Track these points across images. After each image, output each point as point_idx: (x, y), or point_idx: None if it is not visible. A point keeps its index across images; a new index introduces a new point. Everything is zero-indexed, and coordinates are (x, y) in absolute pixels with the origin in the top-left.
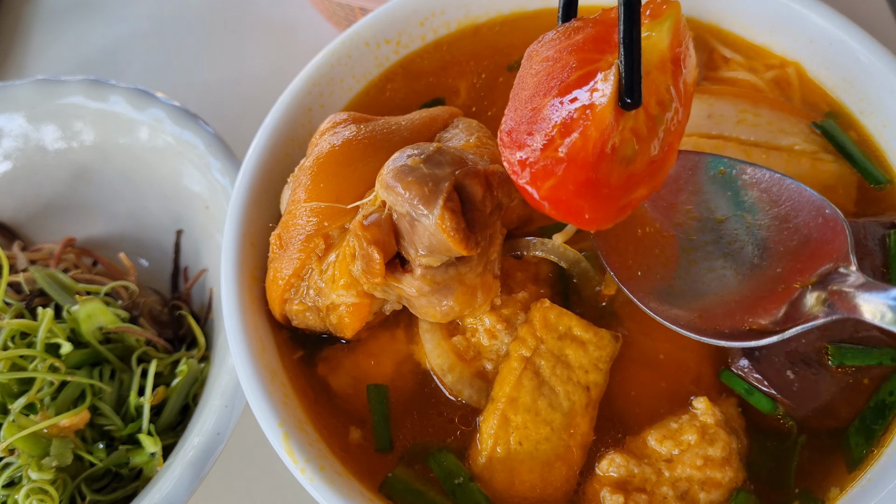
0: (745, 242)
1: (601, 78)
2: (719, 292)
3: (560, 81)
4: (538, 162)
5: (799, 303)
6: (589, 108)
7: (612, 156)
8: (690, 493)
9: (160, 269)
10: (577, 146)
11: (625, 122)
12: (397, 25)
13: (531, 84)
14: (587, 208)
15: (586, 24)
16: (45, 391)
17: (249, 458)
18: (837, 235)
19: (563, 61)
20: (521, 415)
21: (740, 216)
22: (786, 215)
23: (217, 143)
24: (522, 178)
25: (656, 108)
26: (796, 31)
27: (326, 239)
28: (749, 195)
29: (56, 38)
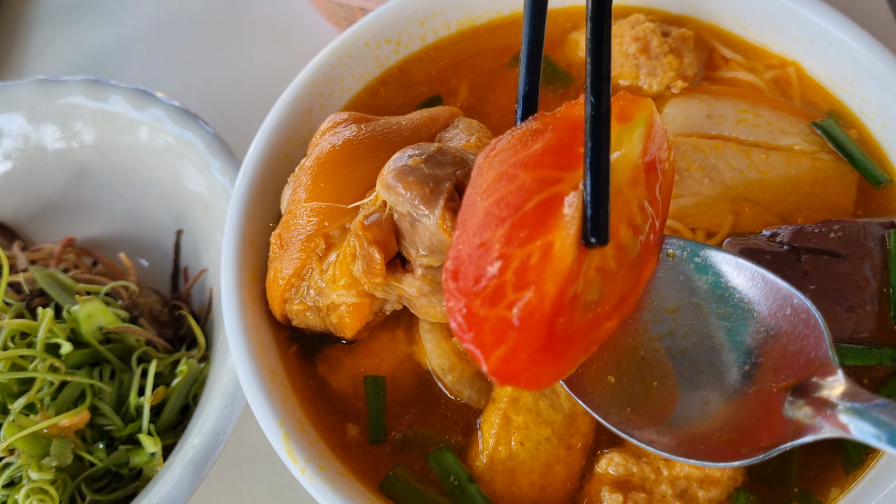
0: (704, 336)
1: (565, 208)
2: (680, 394)
3: (514, 210)
4: (485, 322)
5: (779, 411)
6: (546, 253)
7: (574, 304)
8: (689, 491)
9: (160, 269)
10: (531, 306)
11: (589, 261)
12: (397, 25)
13: (481, 210)
14: (545, 371)
15: (546, 127)
16: (45, 391)
17: (249, 458)
18: (812, 331)
19: (518, 182)
20: (522, 415)
21: (696, 305)
22: (749, 304)
23: (217, 143)
24: (467, 337)
25: (627, 234)
26: (796, 31)
27: (327, 239)
28: (703, 279)
29: (56, 37)
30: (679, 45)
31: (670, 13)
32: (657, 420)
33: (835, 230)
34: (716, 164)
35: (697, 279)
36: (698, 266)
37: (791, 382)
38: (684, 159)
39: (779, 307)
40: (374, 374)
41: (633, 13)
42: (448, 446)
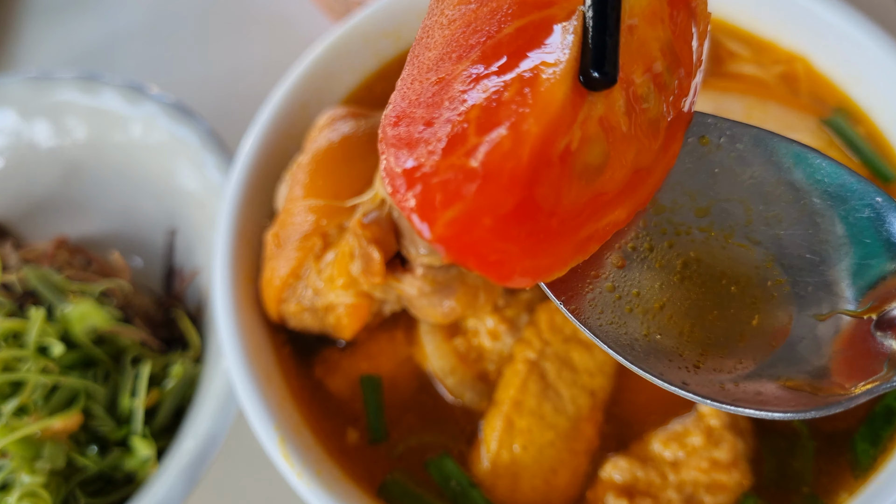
0: (751, 242)
1: (555, 35)
2: (725, 322)
3: (486, 37)
4: (435, 174)
5: (863, 344)
6: (529, 84)
7: (565, 164)
8: (696, 496)
9: (154, 268)
10: (501, 150)
11: (589, 109)
12: (396, 19)
13: (440, 40)
14: (517, 256)
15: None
16: (38, 393)
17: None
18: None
19: (494, 3)
20: (525, 419)
21: (738, 205)
22: (812, 205)
23: (212, 139)
24: (407, 200)
25: (645, 83)
26: (804, 26)
27: (325, 237)
28: (748, 174)
29: (49, 31)
30: None
31: None
32: (688, 356)
33: None
34: None
35: (741, 171)
36: (741, 154)
37: (874, 307)
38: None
39: (852, 210)
40: (370, 375)
41: None
42: (447, 452)
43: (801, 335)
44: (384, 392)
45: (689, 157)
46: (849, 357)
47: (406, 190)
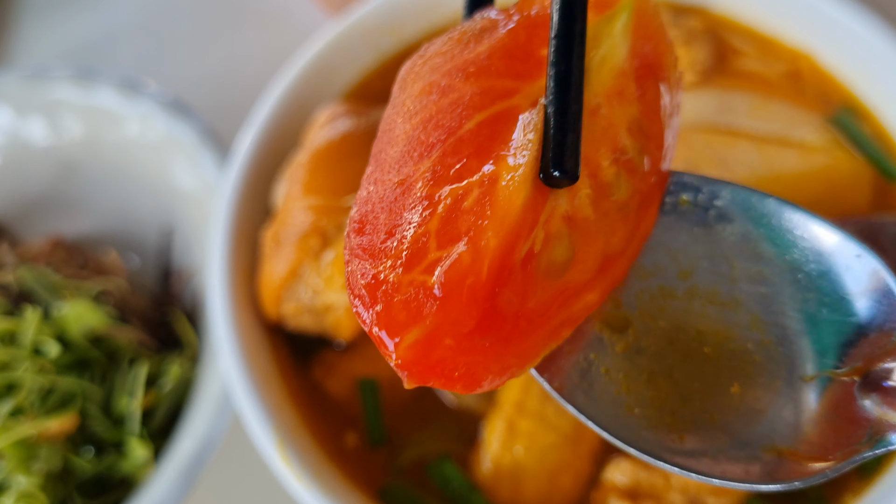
0: (732, 306)
1: (517, 130)
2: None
3: (447, 134)
4: (396, 292)
5: (847, 409)
6: (488, 192)
7: (528, 268)
8: (700, 499)
9: (150, 267)
10: (461, 266)
11: (553, 206)
12: (396, 16)
13: (402, 135)
14: (486, 364)
15: (496, 25)
16: (33, 394)
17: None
18: (883, 296)
19: (454, 95)
20: (527, 421)
21: (720, 265)
22: (791, 261)
23: (209, 136)
24: (369, 314)
25: (611, 169)
26: (809, 22)
27: (324, 237)
28: (729, 231)
29: (45, 28)
30: (689, 37)
31: (680, 4)
32: (677, 430)
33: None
34: (726, 160)
35: (721, 229)
36: (721, 211)
37: (859, 367)
38: (694, 154)
39: (837, 267)
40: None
41: None
42: (448, 456)
43: (786, 399)
44: (384, 394)
45: (669, 218)
46: (833, 422)
47: (371, 305)
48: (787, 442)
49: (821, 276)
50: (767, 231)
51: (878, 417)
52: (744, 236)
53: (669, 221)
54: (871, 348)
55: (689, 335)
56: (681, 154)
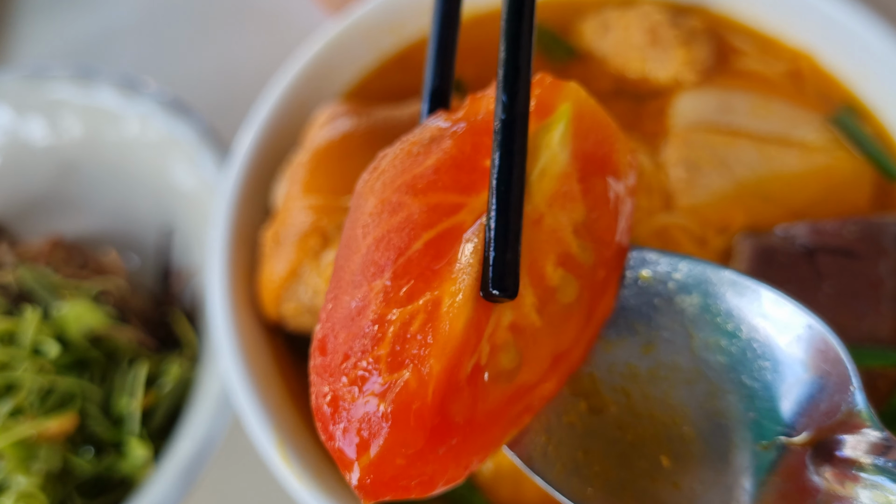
0: (692, 378)
1: (461, 250)
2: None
3: (397, 254)
4: (354, 415)
5: (802, 475)
6: (431, 317)
7: (476, 380)
8: None
9: (150, 267)
10: (407, 393)
11: (497, 319)
12: (395, 15)
13: (358, 253)
14: (439, 470)
15: (443, 135)
16: (33, 394)
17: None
18: (833, 366)
19: (404, 212)
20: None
21: (680, 337)
22: (747, 331)
23: (209, 136)
24: (331, 431)
25: (557, 273)
26: (810, 22)
27: (324, 236)
28: (686, 301)
29: (45, 27)
30: (689, 37)
31: (680, 4)
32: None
33: (849, 228)
34: (727, 159)
35: (680, 301)
36: (680, 284)
37: (812, 437)
38: (694, 154)
39: (789, 336)
40: None
41: (642, 5)
42: None
43: (744, 465)
44: None
45: (631, 293)
46: (785, 491)
47: (333, 424)
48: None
49: (776, 344)
50: (722, 302)
51: (827, 490)
52: (702, 307)
53: (632, 295)
54: (823, 417)
55: (648, 411)
56: (681, 154)
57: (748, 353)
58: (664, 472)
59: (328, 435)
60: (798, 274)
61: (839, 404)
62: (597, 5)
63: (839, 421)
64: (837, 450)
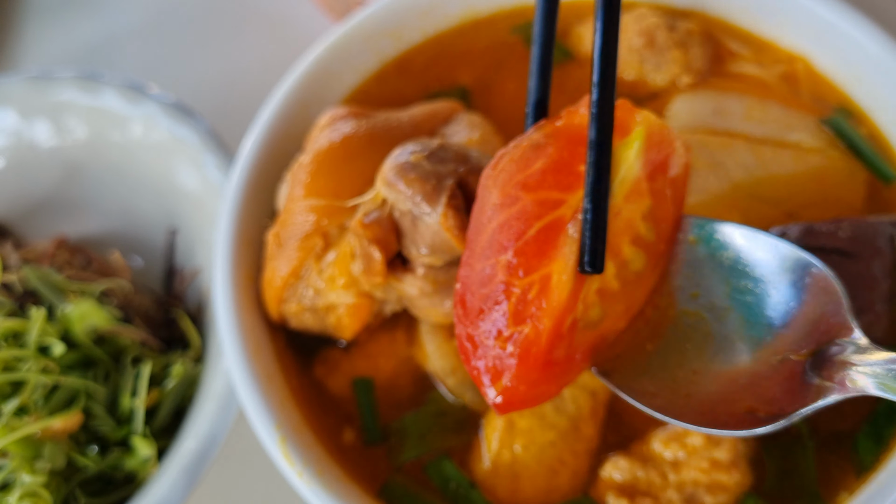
0: (727, 311)
1: (564, 236)
2: (706, 371)
3: (516, 237)
4: (487, 353)
5: (801, 378)
6: (544, 287)
7: (573, 330)
8: (696, 496)
9: (154, 268)
10: (528, 341)
11: (588, 286)
12: (397, 19)
13: (486, 233)
14: (546, 390)
15: (548, 142)
16: (38, 393)
17: (245, 462)
18: (831, 297)
19: (520, 205)
20: (526, 419)
21: (720, 282)
22: (768, 277)
23: (212, 139)
24: (472, 365)
25: (630, 250)
26: (805, 26)
27: (325, 237)
28: (723, 256)
29: (49, 31)
30: (685, 40)
31: (676, 7)
32: (677, 392)
33: (844, 229)
34: (723, 161)
35: (719, 256)
36: (719, 243)
37: (812, 349)
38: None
39: (798, 277)
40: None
41: (639, 8)
42: (446, 455)
43: (763, 374)
44: (384, 392)
45: (683, 252)
46: (789, 388)
47: (473, 358)
48: (760, 402)
49: (788, 284)
50: (751, 255)
51: (818, 385)
52: (735, 260)
53: (683, 252)
54: (822, 335)
55: (701, 333)
56: None
57: (769, 293)
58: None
59: (470, 367)
60: None
61: (835, 323)
62: (591, 13)
63: (834, 334)
64: (832, 356)
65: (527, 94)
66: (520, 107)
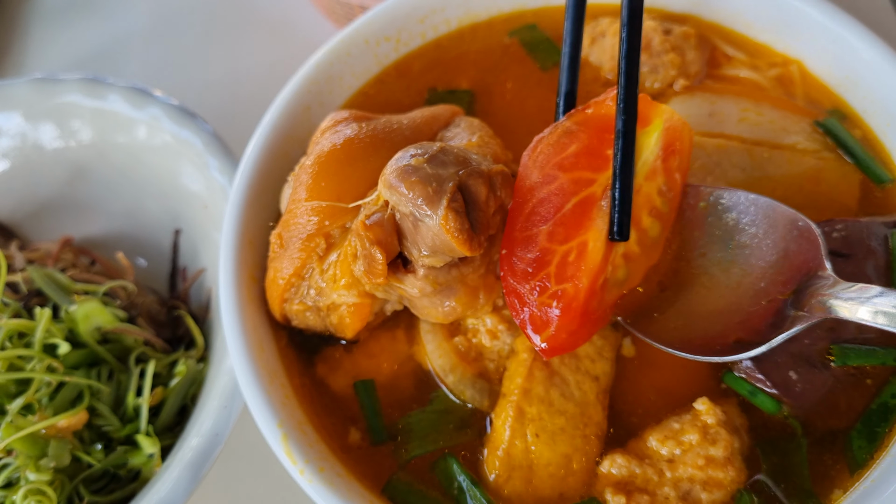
0: (730, 263)
1: (597, 210)
2: (708, 313)
3: (556, 210)
4: (534, 306)
5: (782, 312)
6: (582, 252)
7: (604, 287)
8: (692, 493)
9: (158, 269)
10: (568, 297)
11: (616, 251)
12: (397, 23)
13: (530, 204)
14: (583, 336)
15: (579, 129)
16: (43, 392)
17: (248, 459)
18: (812, 244)
19: (557, 183)
20: (535, 406)
21: (723, 239)
22: (764, 232)
23: (215, 142)
24: (520, 317)
25: (648, 220)
26: (799, 29)
27: (328, 238)
28: (728, 218)
29: (54, 35)
30: (681, 43)
31: (672, 11)
32: (686, 331)
33: (838, 230)
34: (718, 163)
35: (725, 217)
36: (723, 206)
37: (794, 288)
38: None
39: (787, 230)
40: (363, 379)
41: None
42: (451, 453)
43: (754, 312)
44: (386, 391)
45: (693, 215)
46: (773, 322)
47: (521, 309)
48: (750, 333)
49: (780, 237)
50: (749, 215)
51: (794, 315)
52: (736, 220)
53: (694, 217)
54: (803, 277)
55: (709, 282)
56: None
57: (763, 247)
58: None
59: (520, 321)
60: None
61: (814, 266)
62: (592, 14)
63: (812, 274)
64: (809, 289)
65: (557, 86)
66: (518, 109)
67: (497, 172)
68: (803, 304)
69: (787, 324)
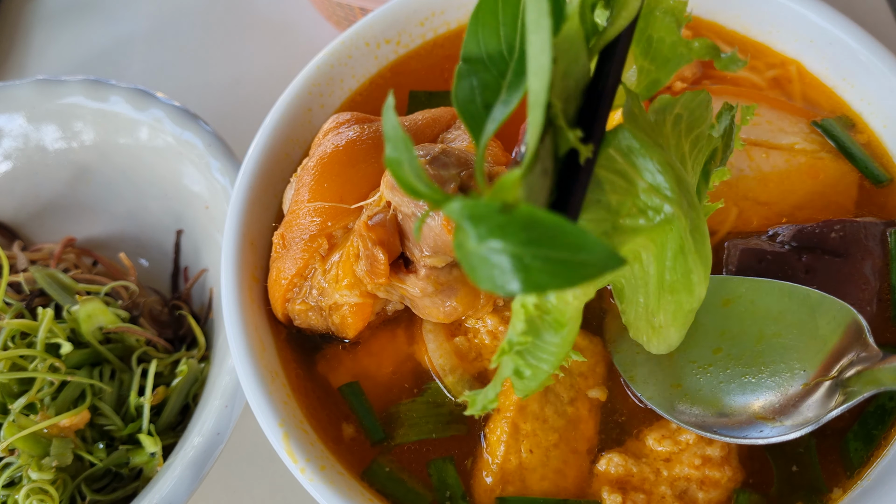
0: (764, 353)
1: None
2: (742, 398)
3: None
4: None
5: (826, 395)
6: None
7: None
8: (689, 492)
9: (160, 269)
10: None
11: None
12: (397, 25)
13: None
14: None
15: None
16: (46, 391)
17: (249, 458)
18: (855, 327)
19: None
20: (529, 422)
21: (754, 329)
22: (800, 322)
23: (217, 143)
24: None
25: None
26: (796, 31)
27: (330, 239)
28: (762, 307)
29: (56, 37)
30: None
31: None
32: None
33: (836, 230)
34: None
35: (754, 309)
36: (752, 299)
37: (834, 375)
38: None
39: (820, 316)
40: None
41: None
42: (451, 458)
43: (797, 396)
44: (385, 389)
45: (721, 313)
46: (816, 401)
47: None
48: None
49: (817, 324)
50: (778, 304)
51: (842, 393)
52: (772, 310)
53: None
54: (846, 359)
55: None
56: None
57: (798, 333)
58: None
59: None
60: (786, 274)
61: (859, 349)
62: None
63: (852, 363)
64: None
65: None
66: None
67: (498, 174)
68: (850, 381)
69: (833, 403)
